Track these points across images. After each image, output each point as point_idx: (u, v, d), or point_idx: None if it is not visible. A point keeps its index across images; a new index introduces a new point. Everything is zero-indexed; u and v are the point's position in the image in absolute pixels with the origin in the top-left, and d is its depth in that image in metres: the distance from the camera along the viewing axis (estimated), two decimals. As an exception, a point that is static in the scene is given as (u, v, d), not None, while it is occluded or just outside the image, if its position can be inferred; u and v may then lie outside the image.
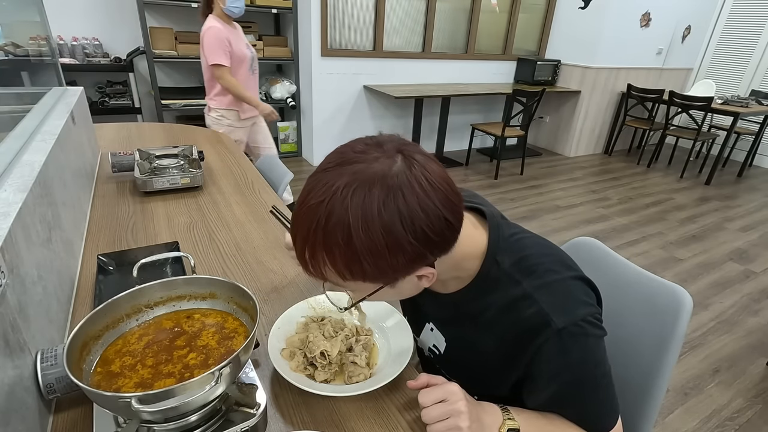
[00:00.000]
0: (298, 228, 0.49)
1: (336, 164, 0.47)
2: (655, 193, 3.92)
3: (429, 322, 0.74)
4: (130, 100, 3.32)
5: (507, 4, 4.41)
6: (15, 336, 0.52)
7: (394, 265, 0.48)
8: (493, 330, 0.62)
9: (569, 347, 0.56)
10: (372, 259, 0.46)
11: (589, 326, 0.56)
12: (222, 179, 1.47)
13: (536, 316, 0.56)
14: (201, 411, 0.53)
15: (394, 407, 0.64)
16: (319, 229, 0.46)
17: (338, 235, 0.45)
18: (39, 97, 1.23)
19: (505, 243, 0.61)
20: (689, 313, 0.72)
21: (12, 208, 0.61)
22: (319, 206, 0.46)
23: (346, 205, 0.45)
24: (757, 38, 4.81)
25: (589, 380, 0.59)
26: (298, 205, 0.49)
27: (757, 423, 1.59)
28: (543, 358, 0.57)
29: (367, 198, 0.44)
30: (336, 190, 0.45)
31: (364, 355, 0.70)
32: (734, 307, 2.28)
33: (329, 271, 0.48)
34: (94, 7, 3.20)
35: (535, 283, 0.58)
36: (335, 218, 0.45)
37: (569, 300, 0.57)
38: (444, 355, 0.71)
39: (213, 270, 0.95)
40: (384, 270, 0.48)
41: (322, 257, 0.47)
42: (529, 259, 0.60)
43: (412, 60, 4.06)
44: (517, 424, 0.59)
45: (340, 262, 0.47)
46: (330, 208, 0.45)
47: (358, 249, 0.45)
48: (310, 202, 0.47)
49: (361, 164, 0.46)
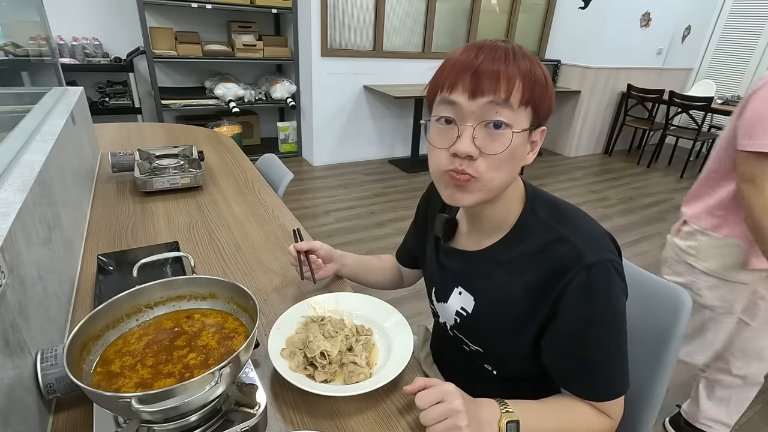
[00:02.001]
0: (492, 51, 0.56)
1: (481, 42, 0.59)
2: (655, 193, 3.92)
3: (458, 286, 0.74)
4: (130, 100, 3.32)
5: (507, 4, 4.41)
6: (15, 336, 0.52)
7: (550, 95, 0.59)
8: (526, 274, 0.64)
9: (596, 284, 0.58)
10: (547, 79, 0.58)
11: (615, 273, 0.60)
12: (222, 179, 1.47)
13: (569, 253, 0.60)
14: (201, 411, 0.53)
15: (394, 407, 0.64)
16: (518, 54, 0.57)
17: (527, 58, 0.57)
18: (39, 97, 1.23)
19: (541, 197, 0.68)
20: (689, 313, 0.72)
21: (12, 208, 0.61)
22: (502, 43, 0.57)
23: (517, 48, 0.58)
24: (757, 38, 4.81)
25: (609, 325, 0.60)
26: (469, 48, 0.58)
27: (757, 423, 1.59)
28: (571, 292, 0.59)
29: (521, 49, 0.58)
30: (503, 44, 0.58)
31: (364, 355, 0.70)
32: (734, 307, 2.28)
33: (519, 86, 0.56)
34: (94, 7, 3.20)
35: (569, 228, 0.62)
36: (518, 51, 0.57)
37: (601, 243, 0.61)
38: (472, 315, 0.71)
39: (213, 270, 0.95)
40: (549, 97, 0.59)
41: (518, 73, 0.56)
42: (563, 210, 0.66)
43: (412, 60, 4.06)
44: (515, 415, 0.59)
45: (530, 78, 0.56)
46: (512, 45, 0.57)
47: (542, 69, 0.58)
48: (488, 45, 0.57)
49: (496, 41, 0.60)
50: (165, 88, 3.52)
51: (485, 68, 0.56)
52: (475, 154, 0.59)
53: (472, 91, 0.56)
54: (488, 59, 0.56)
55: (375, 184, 3.65)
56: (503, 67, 0.55)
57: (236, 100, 3.54)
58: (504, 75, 0.55)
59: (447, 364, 0.88)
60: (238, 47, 3.46)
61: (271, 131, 4.20)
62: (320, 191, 3.47)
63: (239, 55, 3.48)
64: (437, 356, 0.92)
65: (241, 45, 3.46)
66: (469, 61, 0.57)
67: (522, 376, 0.73)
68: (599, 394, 0.63)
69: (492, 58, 0.56)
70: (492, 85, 0.56)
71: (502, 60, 0.56)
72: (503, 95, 0.56)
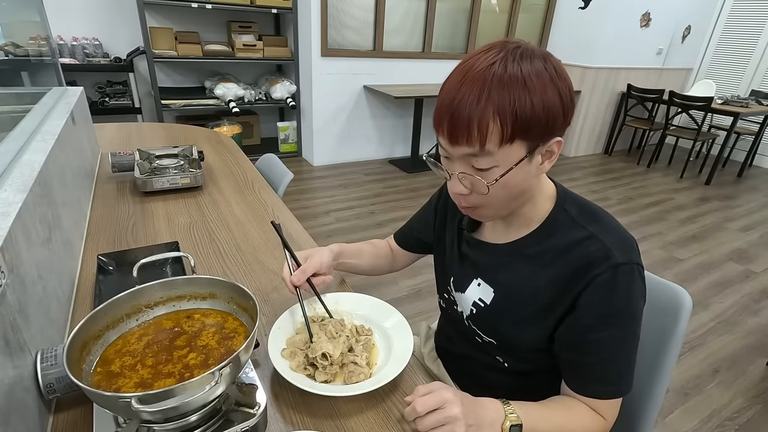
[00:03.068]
0: (464, 95, 0.53)
1: (488, 48, 0.56)
2: (655, 193, 3.92)
3: (477, 278, 0.74)
4: (130, 100, 3.32)
5: (507, 4, 4.41)
6: (15, 336, 0.52)
7: (552, 116, 0.55)
8: (550, 268, 0.64)
9: (620, 283, 0.59)
10: (541, 103, 0.53)
11: (639, 276, 0.61)
12: (222, 179, 1.47)
13: (599, 251, 0.60)
14: (201, 411, 0.53)
15: (394, 407, 0.64)
16: (495, 81, 0.52)
17: (515, 81, 0.52)
18: (39, 97, 1.23)
19: (571, 195, 0.69)
20: (689, 313, 0.72)
21: (12, 208, 0.61)
22: (491, 67, 0.53)
23: (517, 63, 0.53)
24: (757, 38, 4.81)
25: (625, 325, 0.61)
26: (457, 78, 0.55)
27: (757, 423, 1.59)
28: (594, 288, 0.60)
29: (533, 61, 0.54)
30: (504, 56, 0.54)
31: (364, 355, 0.70)
32: (734, 307, 2.28)
33: (495, 130, 0.53)
34: (94, 7, 3.20)
35: (599, 228, 0.63)
36: (510, 69, 0.53)
37: (629, 246, 0.63)
38: (489, 306, 0.72)
39: (213, 270, 0.95)
40: (545, 120, 0.54)
41: (492, 114, 0.52)
42: (593, 211, 0.66)
43: (412, 60, 4.06)
44: (518, 418, 0.59)
45: (510, 116, 0.52)
46: (503, 67, 0.53)
47: (531, 93, 0.53)
48: (478, 68, 0.54)
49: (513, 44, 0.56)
50: (165, 88, 3.52)
51: (459, 114, 0.54)
52: (466, 192, 0.61)
53: (450, 139, 0.56)
54: (465, 96, 0.54)
55: (375, 184, 3.65)
56: (476, 109, 0.53)
57: (236, 100, 3.54)
58: (476, 122, 0.53)
59: (457, 356, 0.87)
60: (238, 47, 3.46)
61: (271, 131, 4.20)
62: (320, 191, 3.47)
63: (239, 55, 3.48)
64: (445, 350, 0.91)
65: (241, 45, 3.46)
66: (450, 98, 0.55)
67: (533, 369, 0.74)
68: (602, 391, 0.63)
69: (468, 96, 0.53)
70: (465, 135, 0.54)
71: (476, 99, 0.53)
72: (477, 146, 0.55)
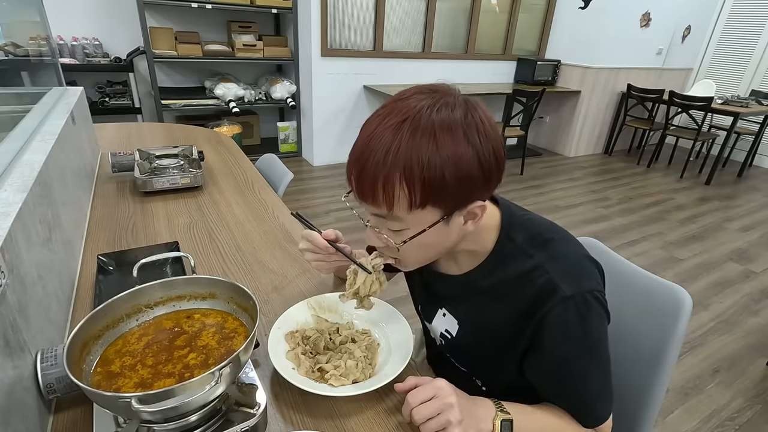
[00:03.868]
0: (373, 152, 0.49)
1: (413, 93, 0.51)
2: (655, 193, 3.92)
3: (442, 308, 0.74)
4: (130, 100, 3.32)
5: (507, 4, 4.41)
6: (15, 336, 0.52)
7: (468, 182, 0.51)
8: (505, 302, 0.62)
9: (572, 318, 0.57)
10: (453, 172, 0.49)
11: (594, 301, 0.58)
12: (222, 179, 1.47)
13: (546, 284, 0.57)
14: (201, 411, 0.52)
15: (394, 407, 0.64)
16: (403, 142, 0.48)
17: (424, 147, 0.47)
18: (39, 97, 1.23)
19: (518, 220, 0.64)
20: (689, 313, 0.72)
21: (12, 208, 0.60)
22: (401, 125, 0.48)
23: (432, 117, 0.48)
24: (757, 38, 4.81)
25: (588, 358, 0.59)
26: (368, 132, 0.51)
27: (757, 423, 1.59)
28: (546, 327, 0.58)
29: (452, 113, 0.49)
30: (420, 108, 0.49)
31: (365, 356, 0.70)
32: (734, 307, 2.28)
33: (402, 195, 0.50)
34: (94, 7, 3.20)
35: (546, 256, 0.60)
36: (422, 129, 0.48)
37: (579, 273, 0.59)
38: (455, 338, 0.71)
39: (213, 270, 0.95)
40: (459, 189, 0.50)
41: (398, 178, 0.48)
42: (541, 234, 0.63)
43: (412, 60, 4.06)
44: (510, 416, 0.59)
45: (418, 181, 0.48)
46: (415, 123, 0.48)
47: (442, 160, 0.48)
48: (389, 123, 0.49)
49: (438, 93, 0.51)
50: (165, 88, 3.52)
51: (365, 173, 0.50)
52: (380, 245, 0.59)
53: (357, 196, 0.54)
54: (372, 154, 0.49)
55: (375, 184, 3.64)
56: (382, 171, 0.49)
57: (236, 100, 3.53)
58: (381, 185, 0.50)
59: (441, 373, 0.87)
60: (238, 47, 3.46)
61: (271, 131, 4.20)
62: (320, 191, 3.47)
63: (239, 55, 3.48)
64: (433, 361, 0.91)
65: (241, 45, 3.46)
66: (359, 152, 0.51)
67: (512, 392, 0.72)
68: (583, 421, 0.63)
69: (375, 154, 0.49)
70: (370, 197, 0.51)
71: (382, 160, 0.49)
72: (384, 209, 0.52)
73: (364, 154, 0.50)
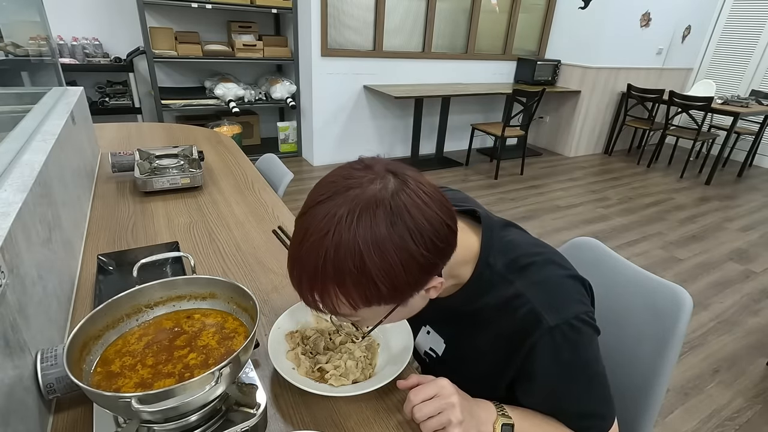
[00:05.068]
0: (303, 267, 0.47)
1: (331, 194, 0.46)
2: (655, 193, 3.92)
3: (425, 325, 0.74)
4: (130, 100, 3.32)
5: (507, 4, 4.41)
6: (15, 336, 0.52)
7: (409, 281, 0.48)
8: (488, 329, 0.62)
9: (561, 346, 0.56)
10: (387, 280, 0.46)
11: (581, 324, 0.56)
12: (222, 179, 1.47)
13: (528, 314, 0.56)
14: (201, 411, 0.53)
15: (394, 407, 0.64)
16: (328, 262, 0.44)
17: (350, 263, 0.44)
18: (39, 97, 1.23)
19: (498, 243, 0.62)
20: (689, 313, 0.72)
21: (12, 208, 0.60)
22: (324, 238, 0.44)
23: (353, 231, 0.44)
24: (757, 38, 4.81)
25: (582, 380, 0.59)
26: (295, 245, 0.48)
27: (757, 423, 1.59)
28: (535, 358, 0.57)
29: (374, 221, 0.44)
30: (339, 218, 0.44)
31: (365, 356, 0.70)
32: (734, 307, 2.28)
33: (341, 303, 0.48)
34: (94, 7, 3.20)
35: (527, 282, 0.58)
36: (345, 246, 0.44)
37: (561, 298, 0.58)
38: (442, 357, 0.71)
39: (213, 270, 0.95)
40: (399, 287, 0.48)
41: (333, 290, 0.46)
42: (521, 259, 0.60)
43: (412, 60, 4.06)
44: (511, 420, 0.59)
45: (354, 291, 0.46)
46: (337, 238, 0.44)
47: (372, 273, 0.45)
48: (312, 238, 0.45)
49: (357, 189, 0.46)
50: (165, 88, 3.52)
51: (300, 288, 0.49)
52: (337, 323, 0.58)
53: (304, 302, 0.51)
54: (304, 266, 0.47)
55: (375, 184, 3.64)
56: (317, 285, 0.47)
57: (236, 100, 3.53)
58: (318, 298, 0.48)
59: None
60: (238, 47, 3.46)
61: (271, 131, 4.20)
62: (320, 191, 3.46)
63: (239, 55, 3.48)
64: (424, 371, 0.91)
65: (241, 45, 3.46)
66: (294, 258, 0.48)
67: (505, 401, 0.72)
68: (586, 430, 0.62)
69: (306, 266, 0.46)
70: (312, 305, 0.50)
71: (311, 276, 0.46)
72: (329, 314, 0.51)
73: (296, 268, 0.48)
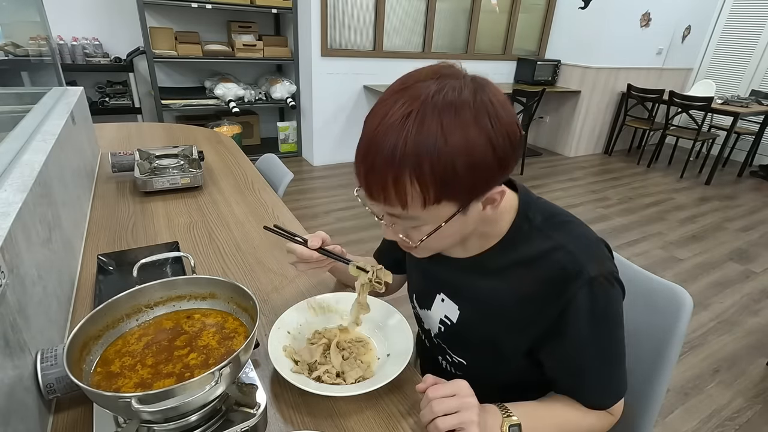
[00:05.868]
0: (379, 149, 0.46)
1: (413, 82, 0.47)
2: (655, 193, 3.92)
3: (440, 293, 0.73)
4: (130, 100, 3.32)
5: (507, 4, 4.41)
6: (15, 336, 0.52)
7: (482, 176, 0.48)
8: (518, 285, 0.62)
9: (600, 299, 0.57)
10: (466, 164, 0.46)
11: (615, 282, 0.58)
12: (222, 179, 1.47)
13: (570, 264, 0.57)
14: (201, 411, 0.52)
15: (394, 407, 0.64)
16: (409, 140, 0.44)
17: (432, 140, 0.44)
18: (39, 97, 1.23)
19: (535, 203, 0.64)
20: (689, 313, 0.72)
21: (12, 208, 0.60)
22: (406, 119, 0.44)
23: (437, 112, 0.44)
24: (757, 38, 4.81)
25: (609, 337, 0.60)
26: (370, 129, 0.47)
27: (757, 423, 1.59)
28: (575, 308, 0.57)
29: (459, 97, 0.45)
30: (425, 99, 0.45)
31: (364, 356, 0.70)
32: (734, 307, 2.28)
33: (414, 192, 0.47)
34: (94, 7, 3.20)
35: (567, 236, 0.59)
36: (427, 126, 0.44)
37: (599, 253, 0.59)
38: (456, 325, 0.70)
39: (213, 270, 0.95)
40: (474, 179, 0.48)
41: (409, 175, 0.46)
42: (559, 216, 0.62)
43: (412, 60, 4.06)
44: (517, 419, 0.59)
45: (430, 176, 0.45)
46: (420, 117, 0.44)
47: (453, 154, 0.45)
48: (392, 119, 0.45)
49: (439, 79, 0.47)
50: (165, 88, 3.52)
51: (374, 170, 0.48)
52: (397, 239, 0.58)
53: (368, 195, 0.51)
54: (379, 151, 0.46)
55: (375, 184, 3.64)
56: (391, 169, 0.46)
57: (236, 100, 3.54)
58: (391, 184, 0.47)
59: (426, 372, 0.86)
60: (238, 47, 3.46)
61: (271, 131, 4.20)
62: (320, 191, 3.47)
63: (239, 55, 3.48)
64: (428, 366, 0.90)
65: (241, 45, 3.46)
66: (365, 148, 0.48)
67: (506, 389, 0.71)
68: (605, 402, 0.63)
69: (382, 151, 0.46)
70: (382, 196, 0.49)
71: (389, 157, 0.46)
72: (398, 208, 0.50)
73: (371, 152, 0.47)
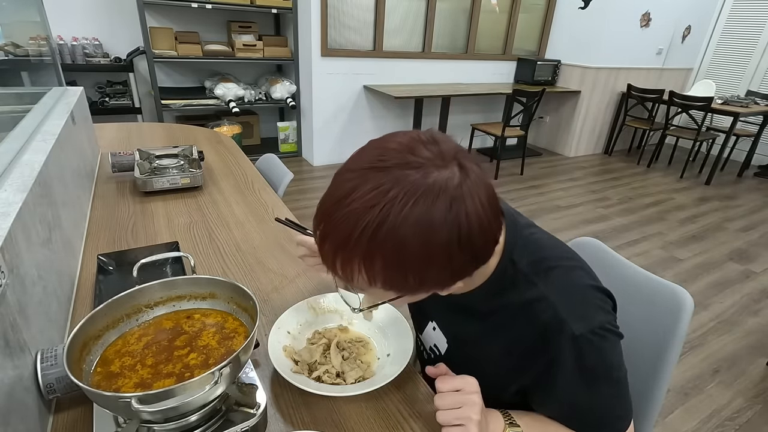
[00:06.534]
0: (334, 230, 0.43)
1: (390, 165, 0.43)
2: (655, 193, 3.92)
3: (432, 321, 0.73)
4: (130, 100, 3.32)
5: (507, 4, 4.41)
6: (15, 336, 0.52)
7: (438, 279, 0.46)
8: (503, 332, 0.60)
9: (585, 354, 0.54)
10: (418, 274, 0.44)
11: (608, 333, 0.55)
12: (222, 179, 1.47)
13: (552, 320, 0.54)
14: (201, 411, 0.52)
15: (394, 407, 0.64)
16: (364, 236, 0.41)
17: (388, 245, 0.41)
18: (39, 97, 1.23)
19: (523, 241, 0.59)
20: (690, 313, 0.72)
21: (12, 208, 0.60)
22: (369, 211, 0.41)
23: (405, 214, 0.41)
24: (757, 38, 4.81)
25: (604, 385, 0.57)
26: (331, 202, 0.44)
27: (757, 423, 1.59)
28: (558, 365, 0.55)
29: (429, 210, 0.41)
30: (394, 197, 0.41)
31: (364, 356, 0.70)
32: (734, 307, 2.28)
33: (360, 277, 0.45)
34: (94, 7, 3.20)
35: (551, 286, 0.55)
36: (388, 227, 0.41)
37: (586, 306, 0.55)
38: (444, 357, 0.71)
39: (213, 270, 0.95)
40: (425, 283, 0.45)
41: (358, 264, 0.43)
42: (546, 261, 0.57)
43: (412, 60, 4.05)
44: (519, 428, 0.59)
45: (381, 272, 0.43)
46: (384, 215, 0.41)
47: (407, 263, 0.43)
48: (354, 205, 0.42)
49: (419, 171, 0.42)
50: (165, 88, 3.52)
51: (322, 243, 0.45)
52: None
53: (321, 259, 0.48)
54: (330, 233, 0.44)
55: (375, 184, 3.64)
56: (339, 254, 0.44)
57: (236, 100, 3.53)
58: (339, 264, 0.45)
59: None
60: (238, 47, 3.46)
61: (271, 131, 4.20)
62: (320, 191, 3.45)
63: (239, 55, 3.48)
64: None
65: (241, 45, 3.46)
66: (317, 218, 0.45)
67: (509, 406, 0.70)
68: None
69: (335, 232, 0.43)
70: (329, 262, 0.46)
71: (341, 243, 0.43)
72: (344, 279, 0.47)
73: (326, 227, 0.44)
